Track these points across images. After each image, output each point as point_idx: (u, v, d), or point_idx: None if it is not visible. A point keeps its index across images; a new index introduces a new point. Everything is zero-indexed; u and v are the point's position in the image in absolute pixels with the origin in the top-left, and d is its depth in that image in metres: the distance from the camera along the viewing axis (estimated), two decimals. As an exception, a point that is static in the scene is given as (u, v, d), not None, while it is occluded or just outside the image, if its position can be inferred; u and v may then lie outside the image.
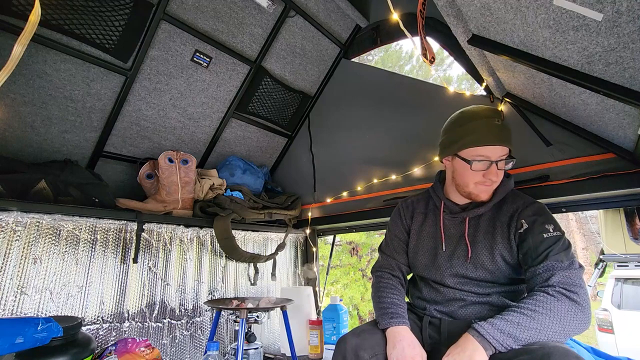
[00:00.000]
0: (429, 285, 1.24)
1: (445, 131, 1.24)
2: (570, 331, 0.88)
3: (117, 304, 1.52)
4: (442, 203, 1.25)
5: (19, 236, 1.30)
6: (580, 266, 0.97)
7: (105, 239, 1.53)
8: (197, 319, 1.79)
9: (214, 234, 1.88)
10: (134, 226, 1.62)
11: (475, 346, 0.87)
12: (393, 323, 1.09)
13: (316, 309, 2.19)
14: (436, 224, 1.25)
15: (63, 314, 1.36)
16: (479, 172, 1.12)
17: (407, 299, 1.33)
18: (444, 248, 1.20)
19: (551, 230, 1.03)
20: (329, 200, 2.27)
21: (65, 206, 1.44)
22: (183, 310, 1.74)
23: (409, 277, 1.38)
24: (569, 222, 11.83)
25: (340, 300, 2.09)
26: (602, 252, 4.56)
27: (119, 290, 1.54)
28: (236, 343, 1.41)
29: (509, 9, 0.91)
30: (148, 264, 1.65)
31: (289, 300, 1.65)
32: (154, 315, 1.63)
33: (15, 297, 1.27)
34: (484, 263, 1.11)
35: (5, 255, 1.26)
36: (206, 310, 1.83)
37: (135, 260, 1.58)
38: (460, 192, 1.21)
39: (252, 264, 2.09)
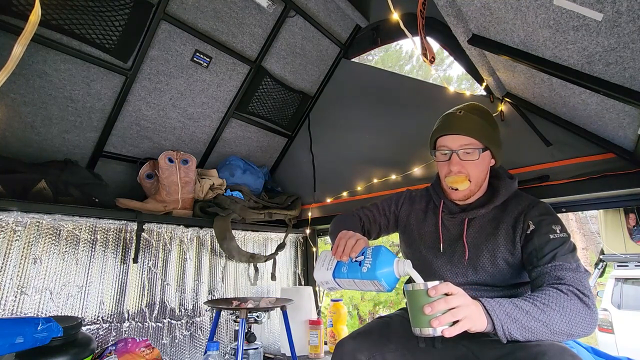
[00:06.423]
0: None
1: None
2: (577, 332, 0.86)
3: (117, 304, 1.52)
4: (442, 202, 1.24)
5: (19, 236, 1.30)
6: (586, 271, 0.95)
7: (105, 239, 1.53)
8: (197, 319, 1.79)
9: (214, 234, 1.88)
10: (134, 226, 1.62)
11: (481, 311, 0.82)
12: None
13: (316, 309, 2.19)
14: (435, 224, 1.23)
15: (63, 314, 1.36)
16: (445, 164, 1.15)
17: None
18: (441, 249, 1.18)
19: (558, 232, 1.00)
20: (329, 200, 2.27)
21: (65, 206, 1.44)
22: (183, 310, 1.74)
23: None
24: (569, 222, 11.81)
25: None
26: (602, 252, 4.56)
27: (118, 290, 1.54)
28: (236, 343, 1.41)
29: (509, 8, 0.91)
30: (148, 264, 1.65)
31: (289, 300, 1.65)
32: (153, 315, 1.63)
33: (15, 297, 1.27)
34: (485, 266, 1.09)
35: (5, 255, 1.26)
36: (206, 310, 1.83)
37: (135, 260, 1.58)
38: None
39: (252, 264, 2.08)
